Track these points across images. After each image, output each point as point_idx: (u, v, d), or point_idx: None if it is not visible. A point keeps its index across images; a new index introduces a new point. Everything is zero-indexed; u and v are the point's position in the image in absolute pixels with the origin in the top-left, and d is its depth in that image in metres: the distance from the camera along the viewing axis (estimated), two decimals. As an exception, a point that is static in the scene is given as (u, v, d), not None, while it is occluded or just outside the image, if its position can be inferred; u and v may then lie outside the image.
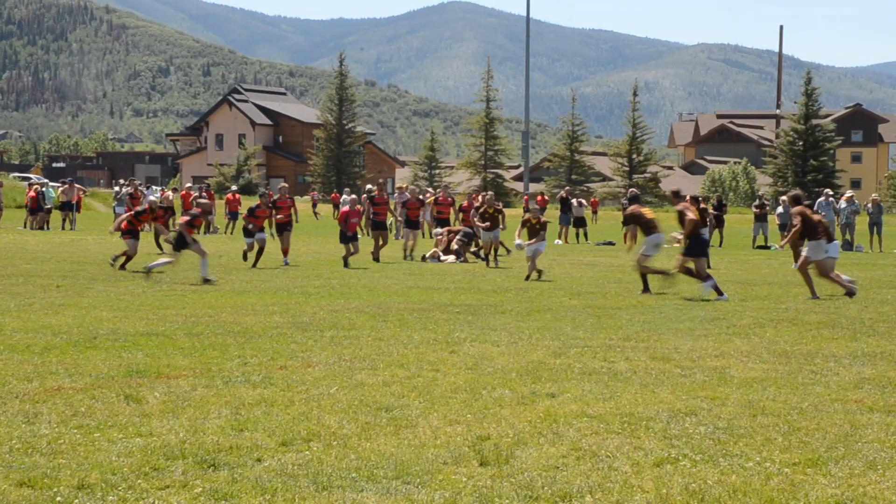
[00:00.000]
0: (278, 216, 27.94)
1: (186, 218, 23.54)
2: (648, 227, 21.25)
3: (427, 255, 30.93)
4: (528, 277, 24.03)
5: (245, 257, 27.17)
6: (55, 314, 15.93)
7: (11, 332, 13.66)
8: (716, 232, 38.63)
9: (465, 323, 15.50)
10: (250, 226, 26.93)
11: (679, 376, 10.91)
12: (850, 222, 40.71)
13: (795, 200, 21.40)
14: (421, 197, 35.23)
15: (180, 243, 22.96)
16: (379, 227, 30.07)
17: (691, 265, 20.32)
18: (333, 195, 76.37)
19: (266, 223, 27.32)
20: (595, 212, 74.11)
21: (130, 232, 25.80)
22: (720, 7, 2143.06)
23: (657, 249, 21.15)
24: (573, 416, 8.87)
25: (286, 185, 30.52)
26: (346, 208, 28.54)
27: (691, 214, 20.52)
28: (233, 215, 48.29)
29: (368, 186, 33.12)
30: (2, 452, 7.47)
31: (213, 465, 7.22)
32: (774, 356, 12.37)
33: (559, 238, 43.73)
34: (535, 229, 24.85)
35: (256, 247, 26.77)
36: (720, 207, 43.83)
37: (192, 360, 11.58)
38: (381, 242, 29.72)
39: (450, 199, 36.29)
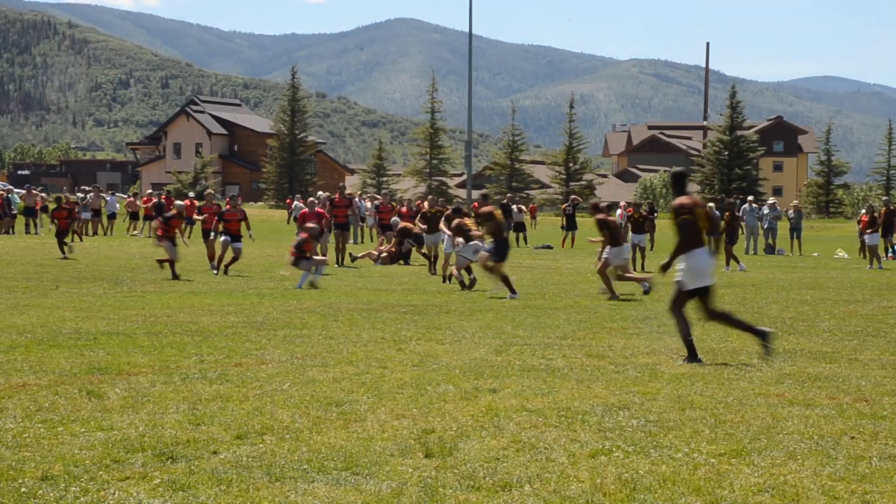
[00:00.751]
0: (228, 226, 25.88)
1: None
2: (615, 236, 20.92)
3: (359, 256, 31.10)
4: (447, 277, 23.71)
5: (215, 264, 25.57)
6: (20, 314, 15.76)
7: (-23, 332, 13.49)
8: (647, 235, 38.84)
9: (412, 322, 15.50)
10: (213, 234, 25.67)
11: (613, 372, 10.96)
12: (772, 227, 41.13)
13: (595, 209, 21.63)
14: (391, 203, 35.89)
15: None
16: (340, 228, 30.19)
17: (490, 265, 20.32)
18: (288, 200, 76.07)
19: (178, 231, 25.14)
20: (534, 217, 74.29)
21: (167, 237, 24.51)
22: (651, 24, 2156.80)
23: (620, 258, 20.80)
24: (513, 410, 8.89)
25: (236, 196, 29.08)
26: (304, 210, 27.36)
27: (495, 220, 20.77)
28: (189, 220, 47.95)
29: (320, 193, 33.08)
30: (-32, 447, 7.38)
31: (172, 457, 7.17)
32: (702, 353, 12.45)
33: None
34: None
35: (225, 252, 25.36)
36: (651, 213, 44.18)
37: (152, 358, 11.50)
38: (341, 244, 29.97)
39: (390, 205, 36.75)
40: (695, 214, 11.92)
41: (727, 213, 32.67)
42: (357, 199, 37.63)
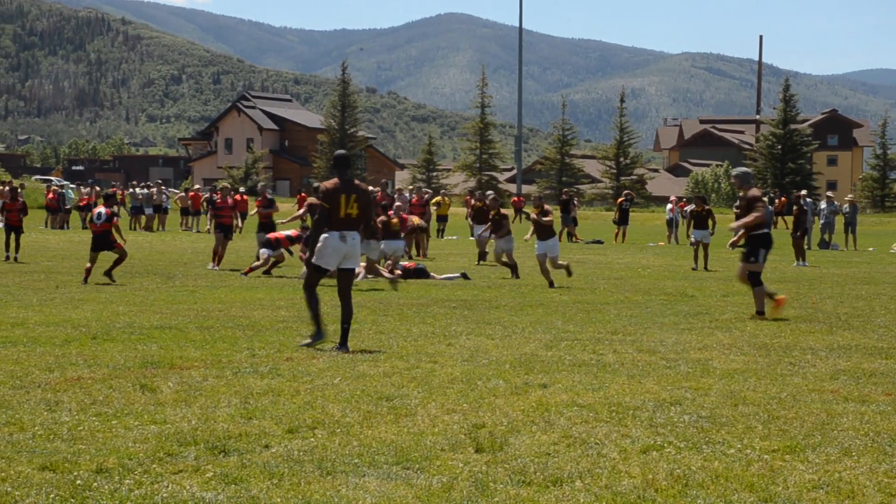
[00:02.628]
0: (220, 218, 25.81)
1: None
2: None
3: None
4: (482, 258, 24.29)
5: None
6: (75, 308, 15.93)
7: (34, 326, 13.66)
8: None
9: (462, 317, 15.50)
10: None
11: (664, 368, 10.90)
12: (829, 222, 40.72)
13: (539, 201, 21.90)
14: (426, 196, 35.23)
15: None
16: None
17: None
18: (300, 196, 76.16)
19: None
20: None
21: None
22: (703, 18, 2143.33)
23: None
24: (564, 405, 8.87)
25: (227, 186, 28.02)
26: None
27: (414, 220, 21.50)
28: (242, 216, 48.23)
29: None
30: (25, 438, 7.47)
31: (224, 450, 7.22)
32: (755, 349, 12.38)
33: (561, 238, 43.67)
34: (489, 217, 24.77)
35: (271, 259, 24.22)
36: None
37: (204, 352, 11.58)
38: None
39: (424, 198, 35.85)
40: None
41: (795, 208, 32.27)
42: (405, 194, 37.43)
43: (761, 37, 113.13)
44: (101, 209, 22.28)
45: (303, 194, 35.07)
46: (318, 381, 9.81)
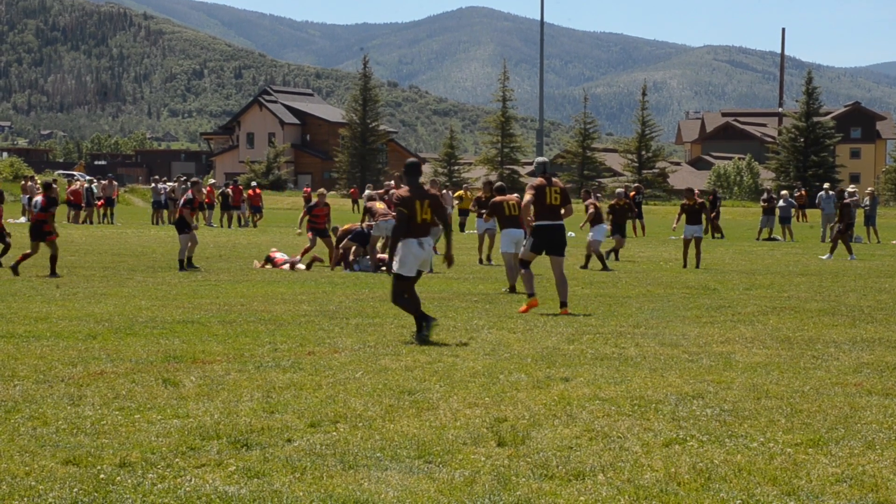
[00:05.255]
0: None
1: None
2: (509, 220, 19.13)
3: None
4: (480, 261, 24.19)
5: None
6: (98, 303, 16.00)
7: (57, 320, 13.72)
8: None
9: (483, 311, 15.50)
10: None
11: (686, 361, 10.88)
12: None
13: (489, 186, 21.98)
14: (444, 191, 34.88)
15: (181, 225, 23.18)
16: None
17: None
18: (352, 190, 76.56)
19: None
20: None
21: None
22: (725, 10, 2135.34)
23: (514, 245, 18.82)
24: (586, 399, 8.86)
25: (198, 181, 27.14)
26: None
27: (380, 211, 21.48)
28: (255, 209, 48.44)
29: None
30: (49, 432, 7.50)
31: (246, 444, 7.24)
32: (777, 342, 12.34)
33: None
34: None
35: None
36: (715, 202, 44.04)
37: (226, 347, 11.61)
38: None
39: (440, 192, 34.57)
40: None
41: (839, 202, 31.90)
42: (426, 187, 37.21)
43: (784, 29, 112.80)
44: (39, 198, 22.34)
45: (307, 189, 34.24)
46: (340, 376, 9.83)
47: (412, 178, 12.60)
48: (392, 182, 30.48)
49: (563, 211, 15.43)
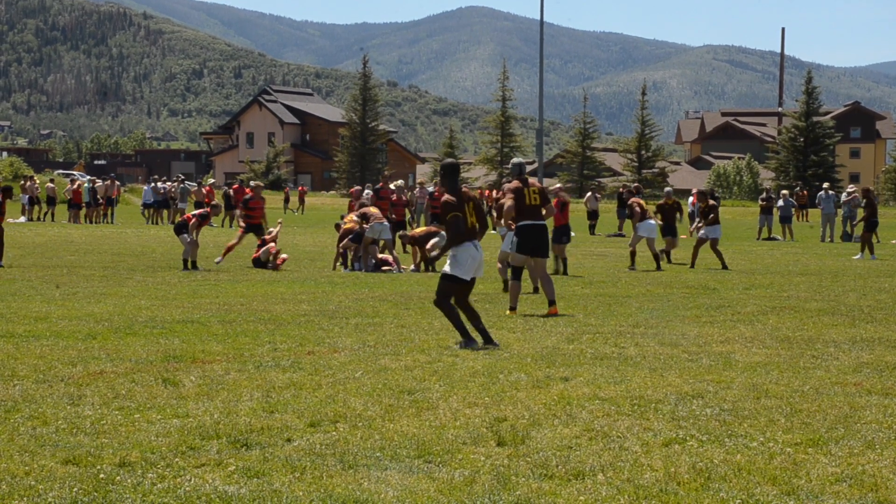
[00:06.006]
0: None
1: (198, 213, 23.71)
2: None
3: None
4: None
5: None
6: (97, 303, 16.00)
7: (57, 320, 13.72)
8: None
9: (483, 311, 15.46)
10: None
11: (686, 361, 10.88)
12: (851, 215, 40.55)
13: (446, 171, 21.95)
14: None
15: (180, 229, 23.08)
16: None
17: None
18: (352, 190, 76.46)
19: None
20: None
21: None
22: (725, 10, 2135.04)
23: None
24: (586, 398, 8.86)
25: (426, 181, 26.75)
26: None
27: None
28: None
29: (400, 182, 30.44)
30: (48, 432, 7.50)
31: (246, 444, 7.24)
32: (777, 342, 12.34)
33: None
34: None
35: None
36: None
37: (226, 346, 11.61)
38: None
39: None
40: None
41: (865, 201, 31.58)
42: (427, 188, 37.21)
43: (783, 29, 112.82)
44: None
45: (302, 188, 33.06)
46: (339, 375, 9.83)
47: (453, 179, 12.02)
48: (382, 181, 30.19)
49: (543, 211, 15.32)
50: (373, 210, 23.88)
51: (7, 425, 7.72)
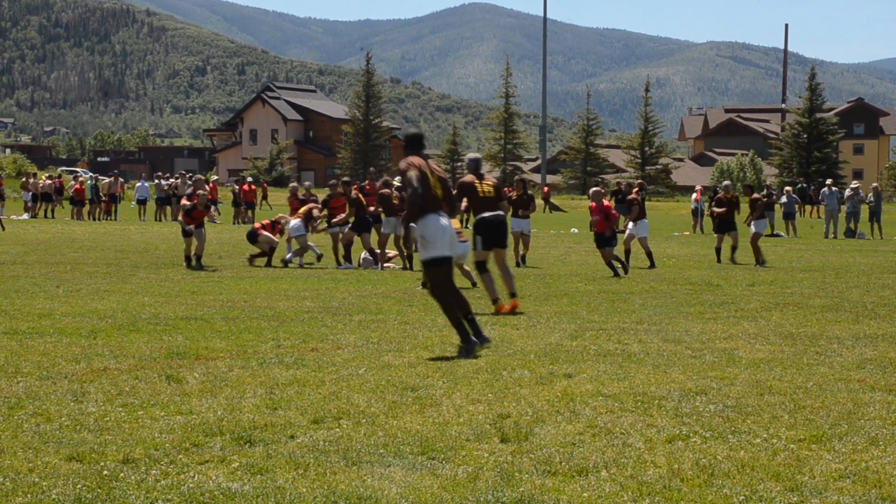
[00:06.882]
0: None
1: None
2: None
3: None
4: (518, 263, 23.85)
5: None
6: (101, 299, 16.00)
7: (60, 317, 13.73)
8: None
9: (486, 307, 15.48)
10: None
11: (690, 357, 10.87)
12: (855, 211, 40.53)
13: (521, 184, 23.12)
14: None
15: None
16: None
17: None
18: (355, 187, 76.33)
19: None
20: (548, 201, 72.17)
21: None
22: (728, 6, 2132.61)
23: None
24: (589, 395, 8.85)
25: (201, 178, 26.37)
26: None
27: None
28: (248, 205, 48.54)
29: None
30: (52, 429, 7.50)
31: (250, 441, 7.23)
32: (781, 338, 12.33)
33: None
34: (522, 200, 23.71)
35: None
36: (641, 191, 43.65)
37: (229, 343, 11.61)
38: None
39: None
40: None
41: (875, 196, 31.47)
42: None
43: (787, 25, 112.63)
44: None
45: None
46: (343, 372, 9.82)
47: (418, 153, 11.06)
48: (369, 177, 29.71)
49: (501, 204, 15.32)
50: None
51: (10, 422, 7.72)
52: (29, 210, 50.02)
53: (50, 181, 52.36)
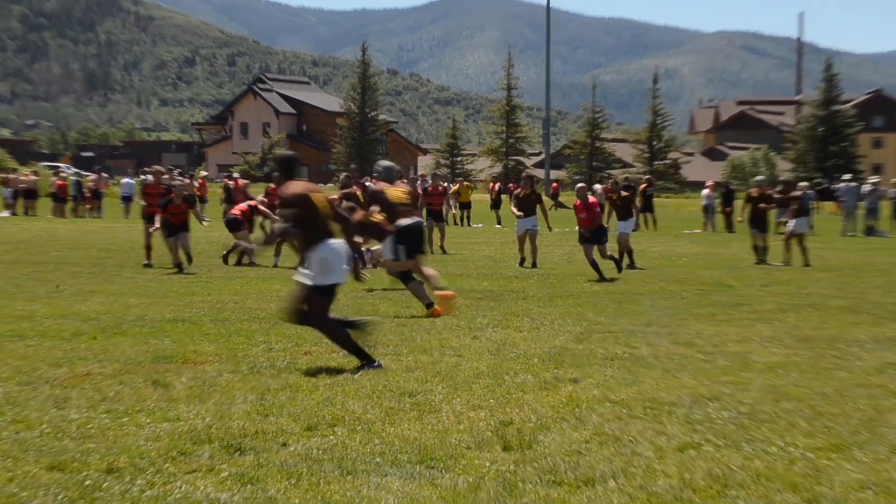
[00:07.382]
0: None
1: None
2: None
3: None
4: (521, 262, 23.68)
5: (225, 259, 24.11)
6: (84, 301, 15.98)
7: (42, 319, 13.70)
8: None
9: (488, 309, 15.47)
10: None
11: (701, 361, 10.85)
12: (874, 207, 40.48)
13: (529, 182, 23.14)
14: (445, 185, 34.45)
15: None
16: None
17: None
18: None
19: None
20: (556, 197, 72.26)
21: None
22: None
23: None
24: (596, 401, 8.83)
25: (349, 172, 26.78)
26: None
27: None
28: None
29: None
30: (33, 437, 7.48)
31: (240, 449, 7.21)
32: (797, 341, 12.31)
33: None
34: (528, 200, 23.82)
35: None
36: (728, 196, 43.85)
37: (218, 346, 11.59)
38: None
39: (441, 188, 31.42)
40: None
41: None
42: (428, 180, 37.01)
43: (801, 14, 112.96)
44: None
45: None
46: (337, 377, 9.80)
47: (293, 174, 10.55)
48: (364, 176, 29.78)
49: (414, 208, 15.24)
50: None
51: (-11, 429, 7.69)
52: (9, 207, 50.00)
53: (35, 177, 52.35)
